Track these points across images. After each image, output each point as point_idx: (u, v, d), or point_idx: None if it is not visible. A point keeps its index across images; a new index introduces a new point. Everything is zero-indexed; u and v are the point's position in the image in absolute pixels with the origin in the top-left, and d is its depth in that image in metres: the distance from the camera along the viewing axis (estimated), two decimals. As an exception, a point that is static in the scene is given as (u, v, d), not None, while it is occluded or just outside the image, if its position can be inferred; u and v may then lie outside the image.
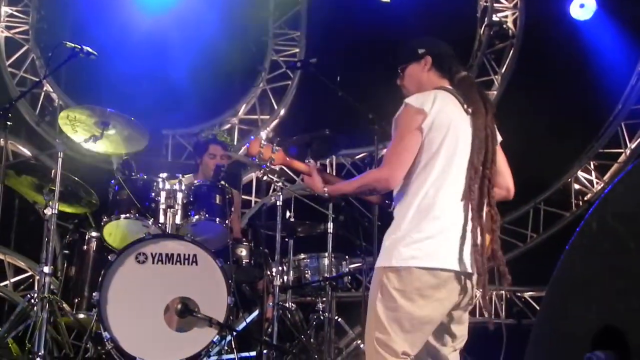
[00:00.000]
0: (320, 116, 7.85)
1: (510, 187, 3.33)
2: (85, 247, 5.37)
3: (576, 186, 8.93)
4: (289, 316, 5.70)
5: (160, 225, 5.08)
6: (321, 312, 5.88)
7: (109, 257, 4.84)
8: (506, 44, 9.00)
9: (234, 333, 4.95)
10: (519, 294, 8.50)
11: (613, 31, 8.74)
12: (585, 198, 8.87)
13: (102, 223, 5.13)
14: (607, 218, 3.01)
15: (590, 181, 8.93)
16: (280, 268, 5.59)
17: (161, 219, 5.10)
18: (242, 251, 5.52)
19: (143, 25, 7.96)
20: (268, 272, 5.52)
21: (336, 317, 5.83)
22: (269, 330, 5.33)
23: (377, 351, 3.00)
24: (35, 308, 4.84)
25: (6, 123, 4.95)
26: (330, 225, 5.80)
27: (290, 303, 5.88)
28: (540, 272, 7.89)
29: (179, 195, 5.15)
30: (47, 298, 4.79)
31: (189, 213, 5.15)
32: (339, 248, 5.94)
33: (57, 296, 5.11)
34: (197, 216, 5.13)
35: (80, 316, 5.16)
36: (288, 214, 5.81)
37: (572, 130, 8.60)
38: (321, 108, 7.73)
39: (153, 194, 5.12)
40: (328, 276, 5.71)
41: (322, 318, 5.76)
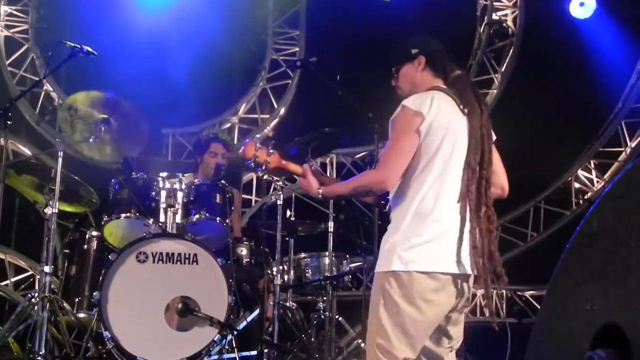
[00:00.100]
0: (320, 115, 7.85)
1: (504, 186, 3.32)
2: (85, 247, 5.36)
3: (576, 185, 8.93)
4: (290, 315, 5.70)
5: (160, 224, 5.08)
6: (322, 311, 5.89)
7: (110, 257, 4.83)
8: (506, 43, 8.99)
9: (235, 332, 4.95)
10: (520, 293, 8.50)
11: (613, 30, 8.73)
12: (585, 197, 8.87)
13: (103, 222, 5.12)
14: (608, 217, 3.01)
15: (590, 180, 8.93)
16: (280, 267, 5.59)
17: (161, 218, 5.10)
18: (243, 250, 5.52)
19: (143, 24, 7.96)
20: (269, 271, 5.51)
21: (337, 316, 5.84)
22: (270, 329, 5.33)
23: (379, 358, 2.99)
24: (35, 307, 4.83)
25: (6, 122, 4.96)
26: (330, 224, 5.82)
27: (290, 302, 5.88)
28: (540, 271, 7.89)
29: (180, 194, 5.15)
30: (48, 297, 4.79)
31: (190, 212, 5.14)
32: (340, 247, 5.95)
33: (58, 295, 5.11)
34: (198, 215, 5.12)
35: (80, 315, 5.15)
36: (288, 213, 5.82)
37: (572, 129, 8.60)
38: (321, 107, 7.72)
39: (153, 193, 5.12)
40: (329, 275, 5.72)
41: (323, 317, 5.77)
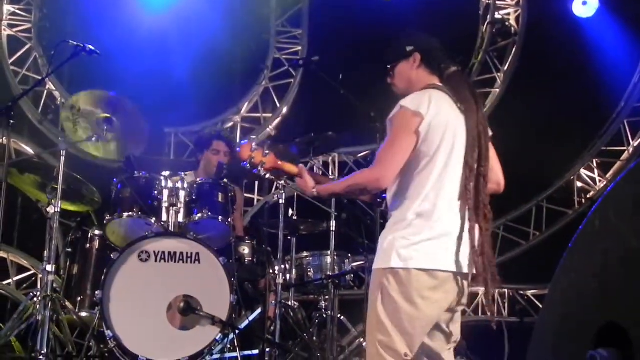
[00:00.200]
0: (322, 114, 7.85)
1: (500, 181, 3.32)
2: (88, 246, 5.36)
3: (579, 184, 8.91)
4: (292, 314, 5.70)
5: (162, 223, 5.08)
6: (324, 310, 5.89)
7: (112, 256, 4.84)
8: (508, 42, 8.97)
9: (237, 331, 4.95)
10: (522, 292, 8.48)
11: (616, 29, 8.72)
12: (588, 196, 8.86)
13: (105, 221, 5.12)
14: (610, 216, 3.01)
15: (593, 179, 8.92)
16: (282, 266, 5.58)
17: (164, 217, 5.10)
18: (245, 249, 5.52)
19: (145, 23, 7.96)
20: (271, 270, 5.51)
21: (339, 315, 5.83)
22: (272, 328, 5.32)
23: (380, 354, 2.99)
24: (38, 306, 4.83)
25: (9, 121, 4.96)
26: (332, 223, 5.82)
27: (292, 301, 5.88)
28: (542, 270, 7.90)
29: (182, 193, 5.15)
30: (50, 296, 4.79)
31: (192, 211, 5.14)
32: (342, 246, 5.94)
33: (60, 294, 5.11)
34: (200, 214, 5.12)
35: (83, 314, 5.15)
36: (291, 212, 5.81)
37: (575, 127, 8.59)
38: (323, 106, 7.72)
39: (156, 192, 5.12)
40: (330, 274, 5.72)
41: (325, 316, 5.77)
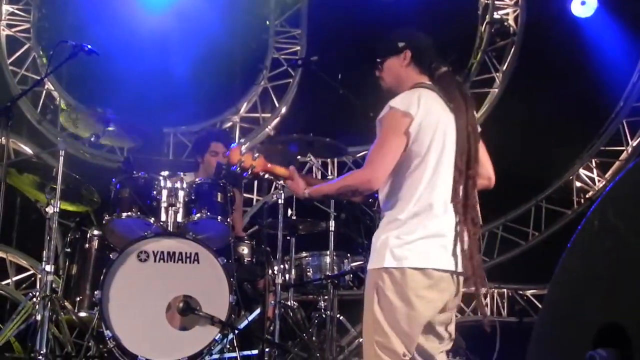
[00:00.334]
0: (321, 114, 7.85)
1: (491, 176, 3.32)
2: (87, 246, 5.36)
3: (578, 184, 8.92)
4: (291, 314, 5.70)
5: (161, 223, 5.08)
6: (323, 310, 5.89)
7: (111, 256, 4.83)
8: (507, 42, 8.97)
9: (236, 331, 4.95)
10: (521, 292, 8.49)
11: (614, 28, 8.72)
12: (586, 196, 8.86)
13: (104, 221, 5.12)
14: (609, 216, 3.00)
15: (591, 179, 8.92)
16: (282, 266, 5.58)
17: (163, 217, 5.09)
18: (244, 249, 5.52)
19: (144, 23, 7.96)
20: (270, 271, 5.51)
21: (338, 315, 5.83)
22: (271, 328, 5.32)
23: (378, 355, 2.99)
24: (37, 306, 4.83)
25: (8, 121, 4.96)
26: (331, 223, 5.82)
27: (292, 301, 5.88)
28: (541, 270, 7.91)
29: (181, 193, 5.14)
30: (49, 296, 4.79)
31: (191, 211, 5.13)
32: (341, 246, 5.94)
33: (59, 294, 5.11)
34: (199, 214, 5.11)
35: (82, 314, 5.14)
36: (290, 212, 5.81)
37: (574, 127, 8.59)
38: (322, 106, 7.72)
39: (154, 192, 5.11)
40: (330, 274, 5.71)
41: (324, 316, 5.77)
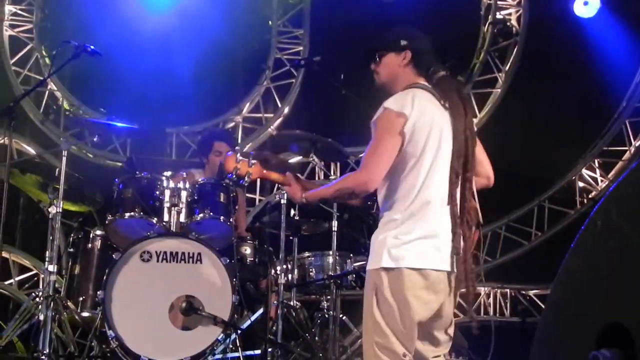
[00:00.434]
0: (323, 114, 7.84)
1: (490, 175, 3.33)
2: (89, 246, 5.37)
3: (580, 184, 8.90)
4: (294, 314, 5.70)
5: (164, 223, 5.08)
6: (326, 311, 5.89)
7: (114, 256, 4.84)
8: (510, 42, 8.95)
9: (239, 331, 4.95)
10: (524, 292, 8.46)
11: (617, 29, 8.70)
12: (589, 196, 8.84)
13: (107, 221, 5.13)
14: (612, 216, 3.00)
15: (594, 179, 8.90)
16: (284, 266, 5.58)
17: (165, 218, 5.10)
18: (247, 249, 5.52)
19: (147, 23, 7.96)
20: (272, 271, 5.51)
21: (341, 315, 5.82)
22: (274, 328, 5.32)
23: (378, 355, 2.98)
24: (40, 306, 4.84)
25: (10, 121, 4.97)
26: (334, 223, 5.81)
27: (294, 301, 5.88)
28: (544, 270, 7.90)
29: (184, 193, 5.15)
30: (52, 296, 4.80)
31: (194, 211, 5.15)
32: (343, 246, 5.94)
33: (62, 294, 5.12)
34: (202, 214, 5.12)
35: (84, 314, 5.16)
36: (292, 212, 5.81)
37: (576, 128, 8.57)
38: (325, 106, 7.72)
39: (157, 193, 5.12)
40: (332, 274, 5.71)
41: (327, 316, 5.77)
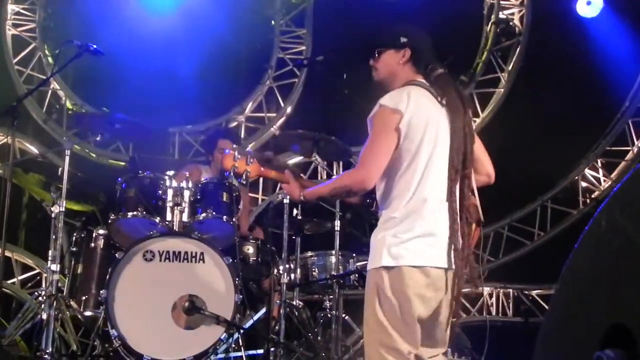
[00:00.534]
0: (326, 113, 7.84)
1: (489, 173, 3.34)
2: (92, 245, 5.38)
3: (583, 184, 8.89)
4: (296, 314, 5.70)
5: (167, 222, 5.09)
6: (328, 310, 5.89)
7: (117, 255, 4.85)
8: (513, 42, 8.94)
9: (241, 331, 4.95)
10: (526, 292, 8.46)
11: (620, 28, 8.69)
12: (592, 196, 8.83)
13: (110, 221, 5.13)
14: (617, 216, 2.99)
15: (597, 179, 8.90)
16: (287, 266, 5.59)
17: (168, 217, 5.11)
18: (249, 249, 5.53)
19: (150, 23, 7.95)
20: (275, 270, 5.51)
21: (343, 315, 5.83)
22: (276, 328, 5.33)
23: (383, 356, 2.98)
24: (42, 305, 4.85)
25: (13, 121, 4.98)
26: (337, 223, 5.80)
27: (297, 301, 5.88)
28: (547, 270, 7.90)
29: (186, 192, 5.15)
30: (55, 295, 4.80)
31: (196, 211, 5.15)
32: (346, 246, 5.94)
33: (65, 294, 5.12)
34: (204, 214, 5.12)
35: (87, 314, 5.17)
36: (295, 212, 5.81)
37: (579, 127, 8.56)
38: (328, 105, 7.72)
39: (160, 192, 5.13)
40: (335, 274, 5.71)
41: (330, 316, 5.77)
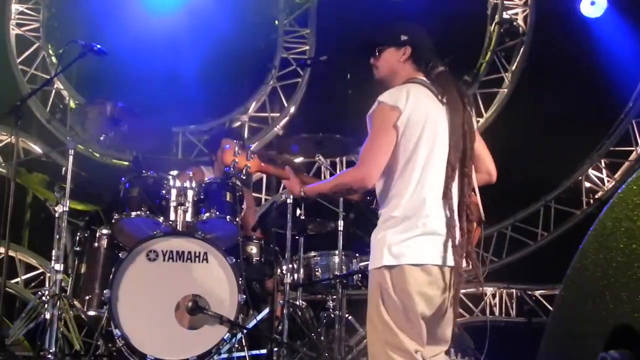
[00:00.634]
0: (330, 113, 7.83)
1: (491, 171, 3.33)
2: (96, 245, 5.37)
3: (587, 184, 8.87)
4: (300, 314, 5.69)
5: (171, 222, 5.09)
6: (331, 310, 5.89)
7: (120, 255, 4.85)
8: (516, 42, 8.93)
9: (245, 331, 4.95)
10: (530, 293, 8.45)
11: (624, 29, 8.68)
12: (596, 196, 8.82)
13: (113, 220, 5.13)
14: (621, 217, 2.99)
15: (601, 179, 8.88)
16: (290, 266, 5.58)
17: (172, 217, 5.11)
18: (253, 249, 5.52)
19: (153, 23, 7.96)
20: (278, 270, 5.51)
21: (346, 315, 5.83)
22: (280, 328, 5.32)
23: (390, 356, 2.97)
24: (46, 305, 4.85)
25: (17, 120, 4.98)
26: (340, 223, 5.80)
27: (300, 301, 5.87)
28: (550, 271, 7.89)
29: (190, 192, 5.15)
30: (58, 295, 4.80)
31: (200, 211, 5.15)
32: (349, 246, 5.93)
33: (68, 293, 5.12)
34: (208, 214, 5.12)
35: (91, 313, 5.16)
36: (298, 212, 5.81)
37: (583, 128, 8.55)
38: (331, 105, 7.71)
39: (164, 192, 5.13)
40: (338, 274, 5.71)
41: (333, 316, 5.77)
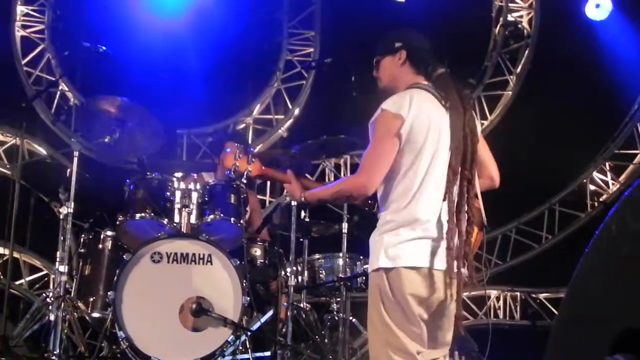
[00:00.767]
0: (334, 116, 7.83)
1: (493, 176, 3.32)
2: (100, 246, 5.38)
3: (591, 187, 8.87)
4: (304, 316, 5.69)
5: (175, 224, 5.09)
6: (335, 313, 5.88)
7: (124, 257, 4.85)
8: (521, 44, 8.94)
9: (249, 333, 4.95)
10: (534, 296, 8.45)
11: (629, 31, 8.67)
12: (600, 199, 8.82)
13: (118, 222, 5.14)
14: (627, 220, 2.97)
15: (605, 182, 8.88)
16: (294, 268, 5.58)
17: (176, 219, 5.11)
18: (257, 251, 5.52)
19: (158, 25, 7.97)
20: (282, 272, 5.51)
21: (350, 318, 5.81)
22: (284, 330, 5.32)
23: (391, 357, 2.97)
24: (50, 307, 4.86)
25: (22, 122, 4.99)
26: (344, 225, 5.80)
27: (304, 303, 5.87)
28: (555, 274, 7.89)
29: (194, 194, 5.16)
30: (63, 297, 4.81)
31: (204, 213, 5.15)
32: (354, 248, 5.92)
33: (72, 295, 5.13)
34: (212, 216, 5.13)
35: (95, 315, 5.17)
36: (303, 214, 5.81)
37: (588, 130, 8.54)
38: (335, 108, 7.71)
39: (168, 194, 5.13)
40: (342, 276, 5.69)
41: (337, 318, 5.76)
